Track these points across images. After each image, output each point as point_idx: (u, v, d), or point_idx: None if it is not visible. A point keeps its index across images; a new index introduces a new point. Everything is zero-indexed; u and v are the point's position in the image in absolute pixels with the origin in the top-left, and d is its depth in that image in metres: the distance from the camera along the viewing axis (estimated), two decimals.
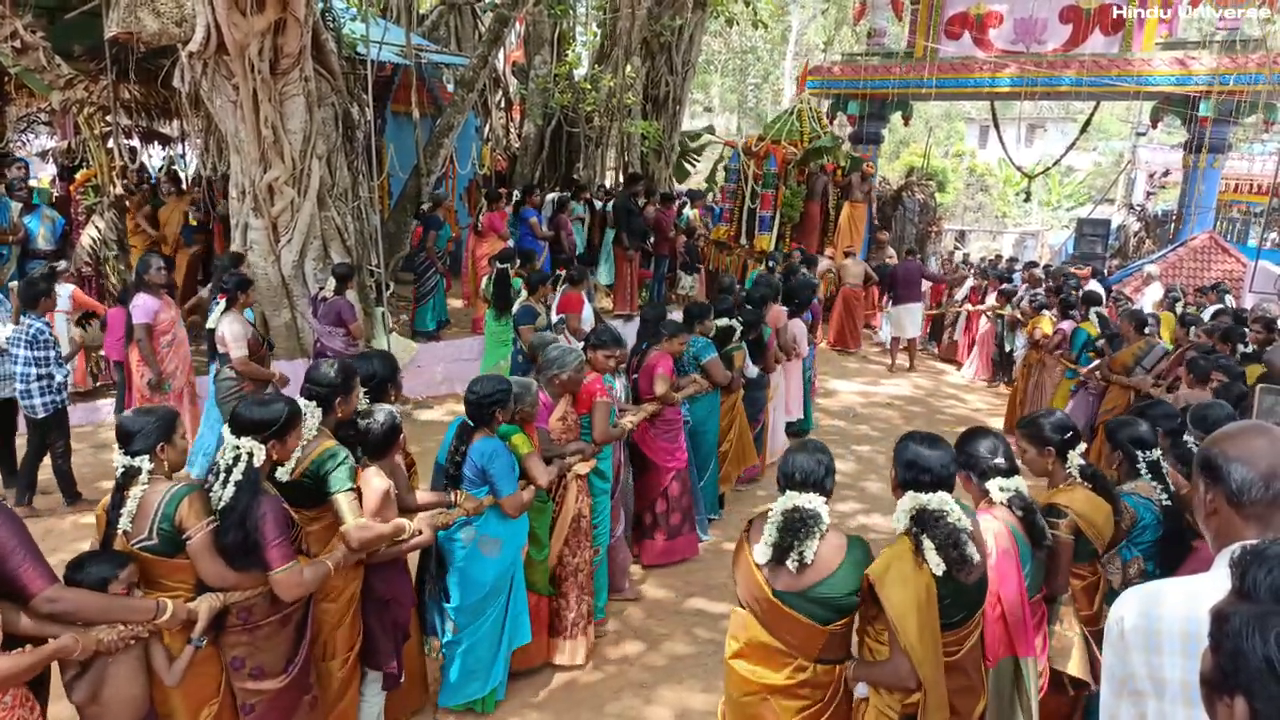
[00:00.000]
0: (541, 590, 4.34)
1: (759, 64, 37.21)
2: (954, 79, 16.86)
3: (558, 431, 4.52)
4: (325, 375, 3.45)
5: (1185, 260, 14.14)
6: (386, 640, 3.58)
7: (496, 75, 15.73)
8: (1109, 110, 31.18)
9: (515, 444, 3.96)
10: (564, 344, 4.62)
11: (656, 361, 5.52)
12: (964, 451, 3.00)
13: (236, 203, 7.96)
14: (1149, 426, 3.64)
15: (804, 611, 2.75)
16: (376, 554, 3.39)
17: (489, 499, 3.79)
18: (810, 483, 2.81)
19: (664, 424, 5.57)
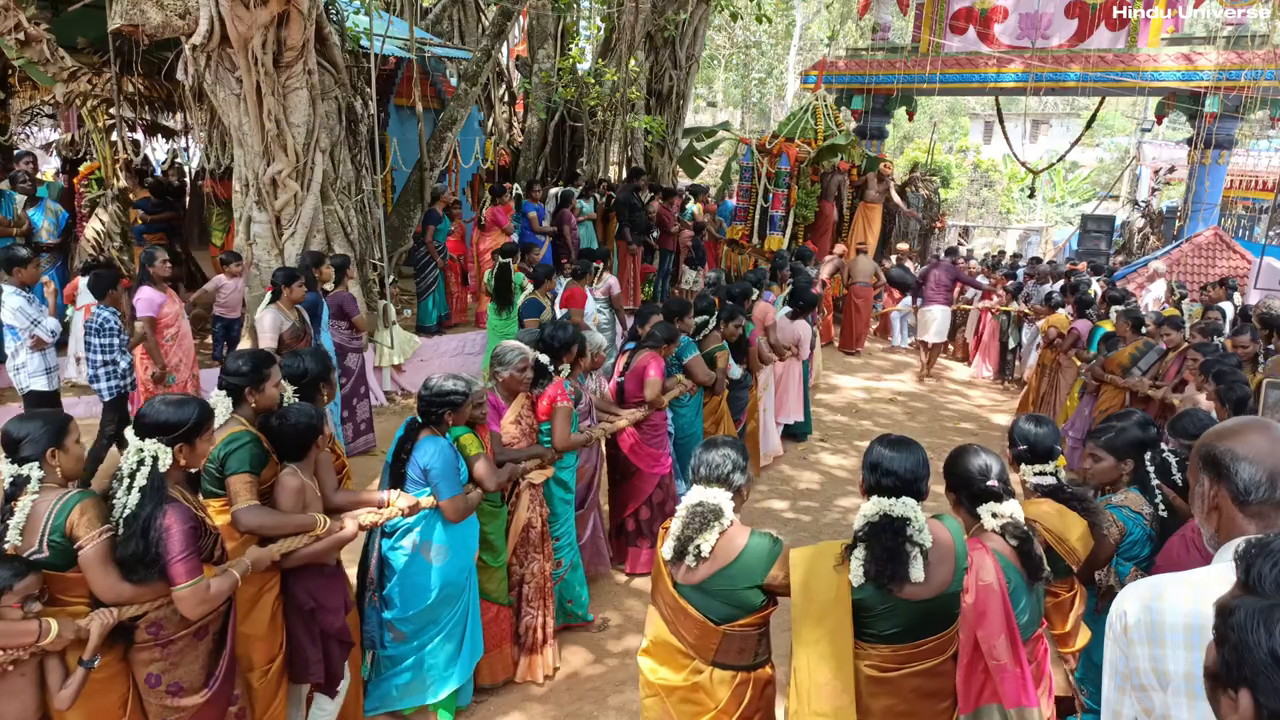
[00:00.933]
0: (500, 600, 4.18)
1: (763, 59, 37.10)
2: (958, 74, 16.79)
3: (510, 435, 4.34)
4: (234, 365, 3.35)
5: (1190, 256, 14.09)
6: (313, 650, 3.37)
7: (500, 69, 15.72)
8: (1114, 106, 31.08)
9: (463, 444, 3.81)
10: (515, 344, 4.43)
11: (646, 364, 5.39)
12: (953, 473, 2.80)
13: (240, 196, 7.96)
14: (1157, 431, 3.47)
15: (700, 606, 2.71)
16: (294, 555, 3.19)
17: (428, 500, 3.61)
18: (715, 478, 2.76)
19: (650, 428, 5.46)
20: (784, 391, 8.06)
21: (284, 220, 7.89)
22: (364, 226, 8.85)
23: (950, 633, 2.58)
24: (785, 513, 6.74)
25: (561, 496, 4.65)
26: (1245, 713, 1.20)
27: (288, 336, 5.93)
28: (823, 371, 11.28)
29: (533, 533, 4.34)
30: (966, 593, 2.51)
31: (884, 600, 2.50)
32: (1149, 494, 3.29)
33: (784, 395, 8.07)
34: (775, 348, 7.57)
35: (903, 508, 2.53)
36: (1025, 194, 24.87)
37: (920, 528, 2.51)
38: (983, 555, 2.56)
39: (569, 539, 4.72)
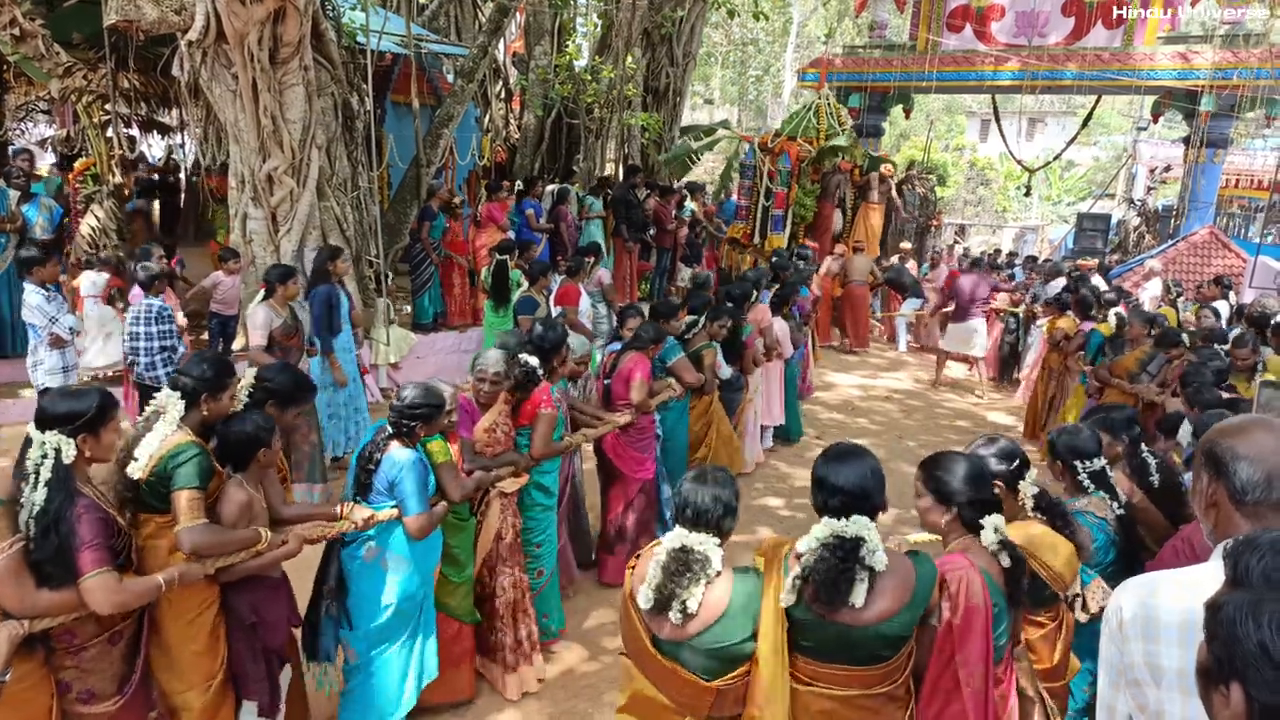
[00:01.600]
0: (462, 616, 4.00)
1: (760, 56, 37.07)
2: (955, 72, 16.81)
3: (483, 443, 4.16)
4: (195, 367, 3.19)
5: (1185, 255, 14.13)
6: (256, 667, 3.24)
7: (497, 66, 15.70)
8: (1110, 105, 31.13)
9: (431, 451, 3.67)
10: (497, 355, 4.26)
11: (633, 366, 5.23)
12: (934, 476, 2.60)
13: (236, 192, 7.95)
14: (1092, 433, 3.41)
15: (688, 664, 2.43)
16: (232, 569, 3.06)
17: (387, 513, 3.46)
18: (704, 522, 2.45)
19: (636, 432, 5.30)
20: (769, 393, 7.93)
21: (280, 217, 7.87)
22: (360, 223, 8.84)
23: (877, 672, 2.37)
24: (781, 510, 6.75)
25: (543, 503, 4.50)
26: (1237, 707, 1.20)
27: (279, 334, 5.91)
28: (817, 370, 11.30)
29: (502, 544, 4.16)
30: (953, 614, 2.34)
31: (806, 612, 2.34)
32: (1109, 492, 3.26)
33: (767, 397, 7.91)
34: (768, 348, 7.48)
35: (855, 527, 2.31)
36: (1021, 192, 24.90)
37: (874, 549, 2.30)
38: (971, 575, 2.39)
39: (550, 546, 4.55)
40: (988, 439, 3.02)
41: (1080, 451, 3.33)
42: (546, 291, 7.94)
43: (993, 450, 2.95)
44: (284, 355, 5.97)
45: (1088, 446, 3.33)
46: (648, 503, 5.43)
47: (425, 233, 9.76)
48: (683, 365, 5.83)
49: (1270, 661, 1.17)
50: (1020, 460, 2.93)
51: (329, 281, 6.68)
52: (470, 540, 4.03)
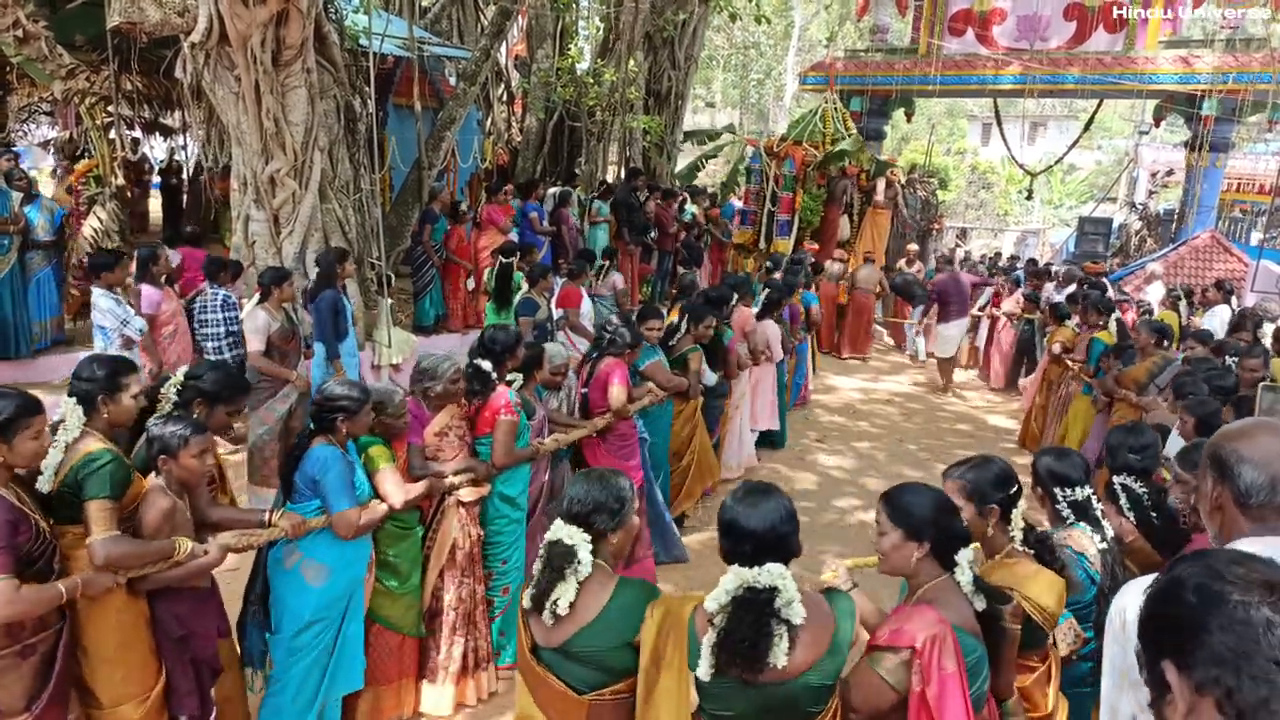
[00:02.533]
0: (405, 629, 3.83)
1: (761, 60, 37.11)
2: (957, 75, 16.84)
3: (434, 448, 4.00)
4: (86, 369, 3.05)
5: (1187, 259, 14.13)
6: (185, 680, 3.09)
7: (499, 69, 15.71)
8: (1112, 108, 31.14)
9: (371, 456, 3.55)
10: (444, 355, 4.12)
11: (610, 371, 5.11)
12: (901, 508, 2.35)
13: (238, 195, 7.96)
14: (1080, 459, 3.08)
15: (561, 672, 2.30)
16: (149, 580, 2.92)
17: (319, 520, 3.35)
18: (574, 514, 2.38)
19: (617, 439, 5.16)
20: (759, 397, 7.76)
21: (282, 219, 7.88)
22: (362, 225, 8.84)
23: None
24: None
25: (511, 516, 4.28)
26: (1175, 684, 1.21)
27: (276, 338, 5.90)
28: (819, 372, 11.29)
29: (459, 554, 3.99)
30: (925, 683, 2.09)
31: (721, 683, 2.11)
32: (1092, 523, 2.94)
33: (758, 401, 7.76)
34: (752, 353, 7.34)
35: (768, 576, 2.09)
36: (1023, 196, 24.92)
37: (790, 599, 2.07)
38: (944, 636, 2.11)
39: (517, 563, 4.32)
40: (981, 460, 2.69)
41: (1063, 478, 3.01)
42: (548, 294, 7.94)
43: (990, 473, 2.63)
44: (282, 359, 5.97)
45: (1072, 473, 3.00)
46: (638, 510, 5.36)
47: (426, 235, 9.76)
48: (656, 369, 5.66)
49: None
50: (1018, 486, 2.66)
51: (333, 285, 6.67)
52: (415, 549, 3.86)
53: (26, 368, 7.61)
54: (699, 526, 6.39)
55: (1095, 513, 2.95)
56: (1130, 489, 3.24)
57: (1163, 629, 1.22)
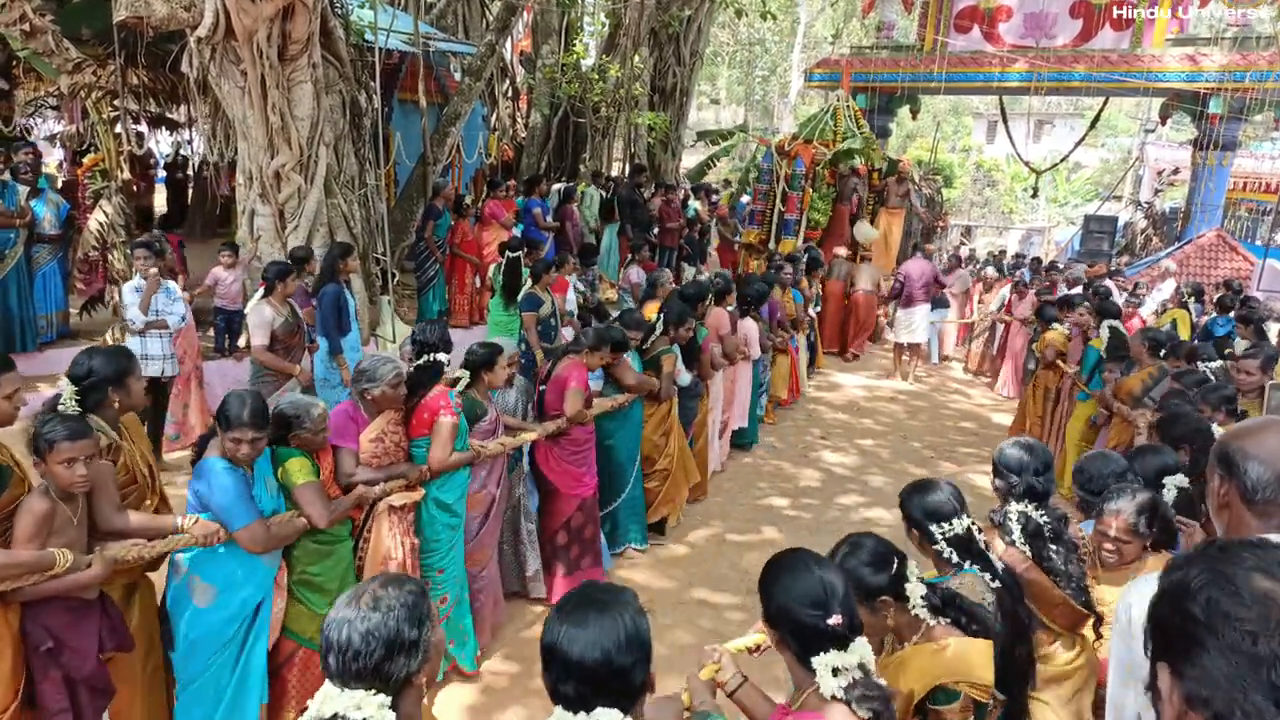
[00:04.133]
0: None
1: (767, 56, 37.06)
2: (963, 73, 16.77)
3: (369, 454, 3.81)
4: None
5: (1193, 258, 14.10)
6: (56, 698, 2.85)
7: (504, 64, 15.71)
8: (1118, 107, 31.04)
9: (289, 470, 3.36)
10: (387, 356, 3.95)
11: (569, 373, 4.86)
12: (767, 592, 1.97)
13: (243, 189, 7.97)
14: (952, 489, 2.67)
15: None
16: (20, 591, 2.71)
17: None
18: (356, 671, 1.60)
19: (570, 444, 4.91)
20: (735, 396, 7.61)
21: (288, 214, 7.89)
22: (367, 221, 8.85)
23: None
24: (786, 510, 6.75)
25: (446, 522, 4.08)
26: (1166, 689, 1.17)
27: (280, 332, 5.91)
28: (820, 371, 11.27)
29: (392, 564, 3.79)
30: None
31: None
32: (979, 560, 2.55)
33: (735, 400, 7.63)
34: (728, 353, 7.14)
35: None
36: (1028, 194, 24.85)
37: None
38: None
39: (455, 571, 4.14)
40: (852, 543, 2.29)
41: (935, 512, 2.58)
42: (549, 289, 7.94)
43: (863, 557, 2.24)
44: (286, 354, 5.99)
45: (944, 504, 2.59)
46: (587, 519, 5.05)
47: (430, 231, 9.77)
48: (623, 369, 5.39)
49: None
50: (899, 560, 2.25)
51: (337, 280, 6.67)
52: (343, 564, 3.65)
53: (32, 361, 7.63)
54: (688, 529, 6.40)
55: (980, 546, 2.57)
56: (1029, 517, 2.85)
57: (1162, 630, 1.16)
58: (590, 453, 5.08)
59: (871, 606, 2.18)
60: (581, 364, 4.98)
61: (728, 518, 6.51)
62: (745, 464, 7.73)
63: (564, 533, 4.98)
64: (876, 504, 6.95)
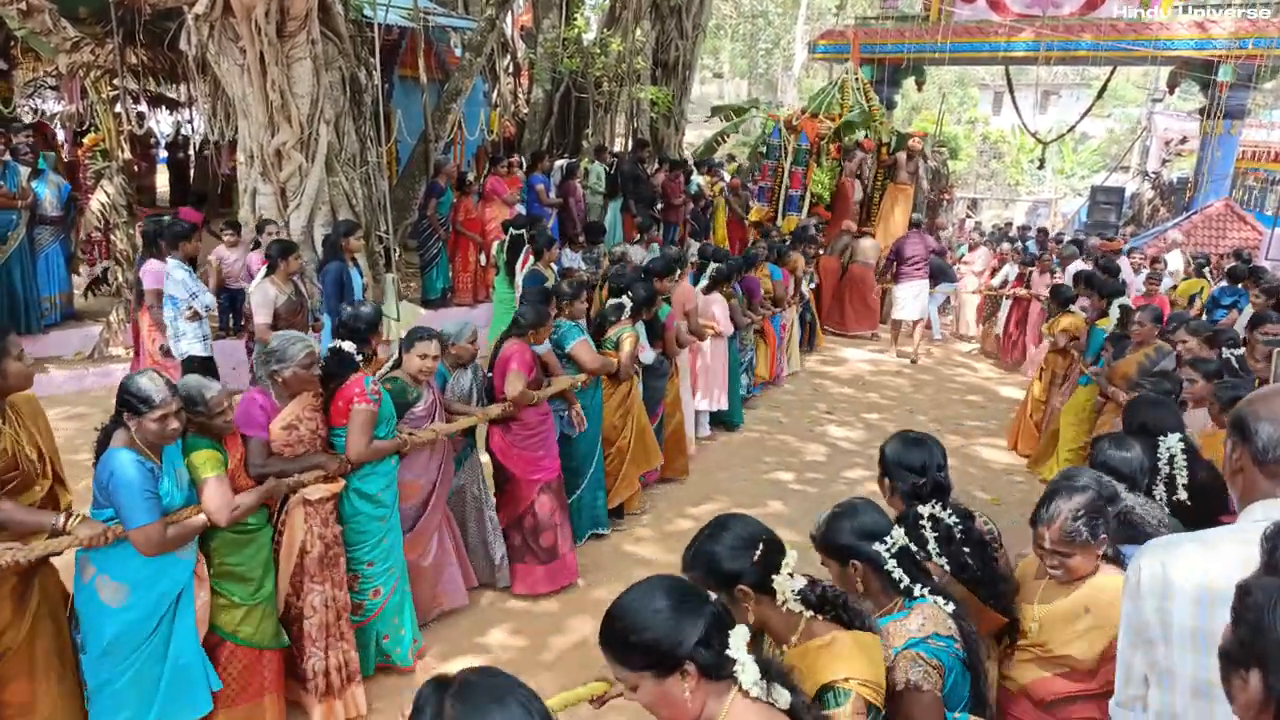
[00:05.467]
0: (259, 642, 3.44)
1: (770, 29, 36.72)
2: (968, 43, 16.61)
3: (281, 442, 3.58)
4: None
5: (1200, 228, 14.02)
6: None
7: (505, 39, 15.59)
8: (1125, 76, 30.75)
9: (195, 463, 3.16)
10: (297, 334, 3.71)
11: (508, 356, 4.69)
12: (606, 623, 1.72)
13: (244, 168, 7.93)
14: (871, 504, 2.31)
15: None
16: None
17: (119, 531, 2.98)
18: None
19: (523, 429, 4.74)
20: (709, 376, 7.38)
21: (289, 192, 7.86)
22: (369, 199, 8.81)
23: None
24: (792, 484, 6.76)
25: (371, 514, 3.89)
26: (1254, 693, 1.20)
27: (283, 311, 5.91)
28: (819, 349, 11.22)
29: (308, 558, 3.63)
30: None
31: None
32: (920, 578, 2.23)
33: (709, 380, 7.39)
34: (694, 329, 6.93)
35: None
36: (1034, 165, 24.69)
37: None
38: None
39: (387, 564, 3.95)
40: (716, 523, 2.07)
41: (873, 532, 2.21)
42: (554, 266, 7.92)
43: (724, 539, 2.01)
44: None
45: (880, 521, 2.24)
46: (556, 504, 4.89)
47: (432, 209, 9.74)
48: (582, 350, 5.21)
49: None
50: (765, 544, 1.98)
51: (340, 258, 6.66)
52: (264, 554, 3.49)
53: (37, 342, 7.65)
54: (693, 503, 6.41)
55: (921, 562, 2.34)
56: (939, 520, 2.54)
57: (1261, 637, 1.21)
58: (549, 435, 4.89)
59: (730, 595, 1.94)
60: (524, 345, 4.78)
61: (733, 492, 6.52)
62: (750, 439, 7.74)
63: (530, 518, 4.80)
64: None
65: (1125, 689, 1.88)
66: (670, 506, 6.21)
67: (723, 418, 7.77)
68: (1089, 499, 2.42)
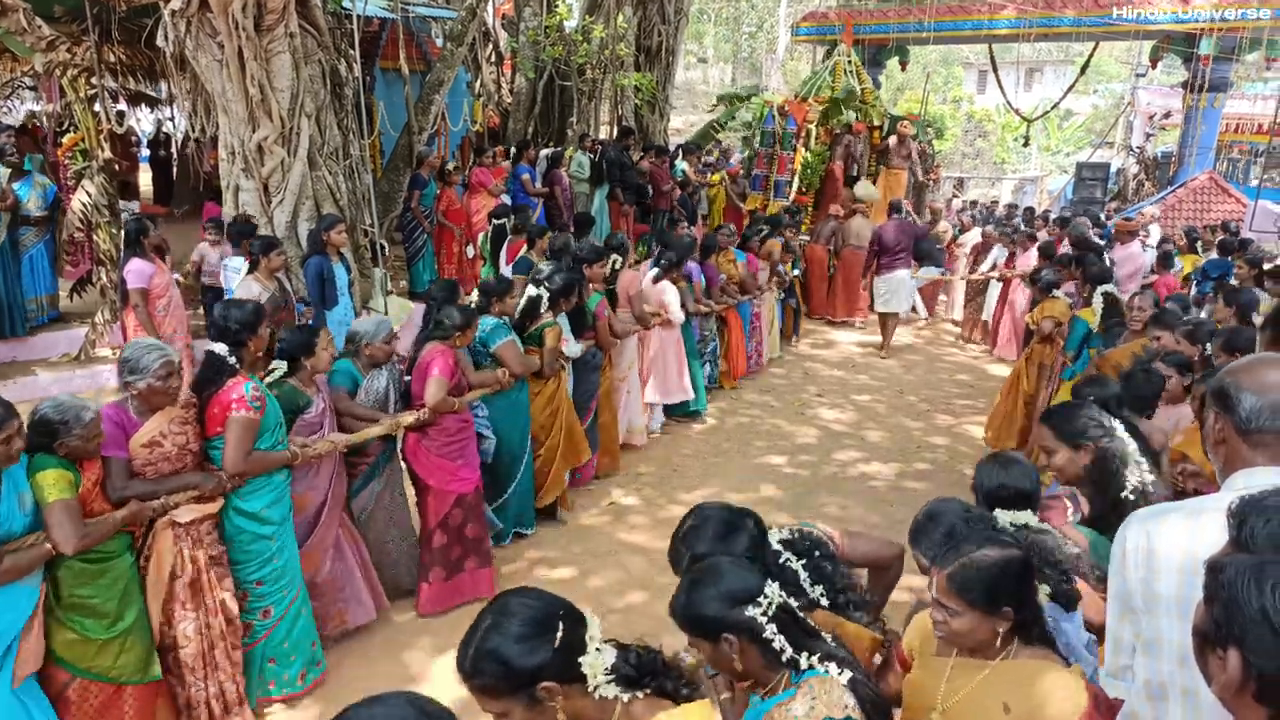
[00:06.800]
0: (120, 677, 3.19)
1: (753, 12, 36.59)
2: (951, 21, 16.59)
3: (143, 461, 3.28)
4: None
5: (1185, 201, 14.05)
6: None
7: (486, 29, 15.48)
8: (1108, 52, 30.77)
9: (39, 484, 2.91)
10: (151, 343, 3.39)
11: (430, 359, 4.40)
12: None
13: (226, 164, 7.88)
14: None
15: None
16: None
17: None
18: None
19: (441, 435, 4.47)
20: (662, 367, 7.16)
21: (272, 188, 7.80)
22: (353, 192, 8.76)
23: None
24: (784, 467, 6.77)
25: (257, 532, 3.62)
26: (1233, 671, 1.20)
27: (267, 308, 5.88)
28: (813, 328, 11.25)
29: (178, 584, 3.38)
30: None
31: None
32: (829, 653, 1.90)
33: (663, 371, 7.17)
34: (639, 317, 6.67)
35: None
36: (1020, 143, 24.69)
37: None
38: None
39: (279, 584, 3.69)
40: (498, 610, 1.69)
41: (743, 595, 1.84)
42: (544, 254, 7.88)
43: (510, 630, 1.64)
44: (275, 329, 5.96)
45: (748, 580, 1.87)
46: (469, 516, 4.60)
47: (416, 201, 9.70)
48: (508, 350, 4.99)
49: (1270, 628, 1.15)
50: (564, 620, 1.68)
51: (323, 252, 6.62)
52: (122, 583, 3.22)
53: (23, 345, 7.61)
54: (686, 489, 6.42)
55: (809, 622, 1.96)
56: (792, 542, 2.34)
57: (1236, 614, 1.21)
58: (469, 444, 4.63)
59: (530, 698, 1.61)
60: (447, 349, 4.49)
61: (726, 476, 6.53)
62: (741, 423, 7.75)
63: (441, 532, 4.51)
64: (874, 459, 6.98)
65: (1115, 659, 1.89)
66: (663, 493, 6.22)
67: (678, 409, 7.51)
68: (999, 560, 1.94)
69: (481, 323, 4.93)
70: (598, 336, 6.02)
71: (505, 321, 5.13)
